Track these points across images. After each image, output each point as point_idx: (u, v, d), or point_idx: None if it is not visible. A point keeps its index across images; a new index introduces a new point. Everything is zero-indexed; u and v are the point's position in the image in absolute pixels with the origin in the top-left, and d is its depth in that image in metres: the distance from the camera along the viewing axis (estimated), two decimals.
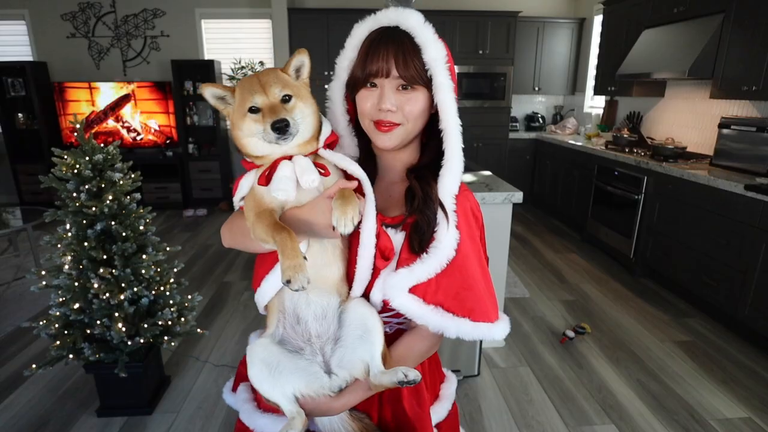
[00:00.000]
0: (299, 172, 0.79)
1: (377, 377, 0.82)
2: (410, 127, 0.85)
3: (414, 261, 0.82)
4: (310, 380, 0.83)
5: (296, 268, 0.71)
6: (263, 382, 0.82)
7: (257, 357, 0.82)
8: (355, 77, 0.85)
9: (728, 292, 2.77)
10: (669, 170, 3.26)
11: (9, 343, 2.63)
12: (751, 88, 2.89)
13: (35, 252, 3.45)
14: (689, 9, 3.42)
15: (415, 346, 0.89)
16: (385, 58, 0.81)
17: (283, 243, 0.73)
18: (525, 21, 5.33)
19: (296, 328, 0.84)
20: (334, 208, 0.76)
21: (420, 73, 0.82)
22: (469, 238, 0.87)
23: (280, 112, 0.77)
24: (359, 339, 0.84)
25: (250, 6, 5.41)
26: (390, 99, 0.82)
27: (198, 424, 2.01)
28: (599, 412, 2.11)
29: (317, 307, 0.84)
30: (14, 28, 5.40)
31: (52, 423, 2.00)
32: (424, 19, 0.83)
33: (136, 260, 1.89)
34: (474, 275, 0.85)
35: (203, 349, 2.57)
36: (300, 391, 0.82)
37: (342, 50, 0.89)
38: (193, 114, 5.49)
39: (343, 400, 0.84)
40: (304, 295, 0.83)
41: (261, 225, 0.77)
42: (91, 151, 1.84)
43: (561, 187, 4.98)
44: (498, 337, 0.87)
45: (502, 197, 2.28)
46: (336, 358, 0.85)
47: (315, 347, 0.84)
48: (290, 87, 0.81)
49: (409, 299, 0.82)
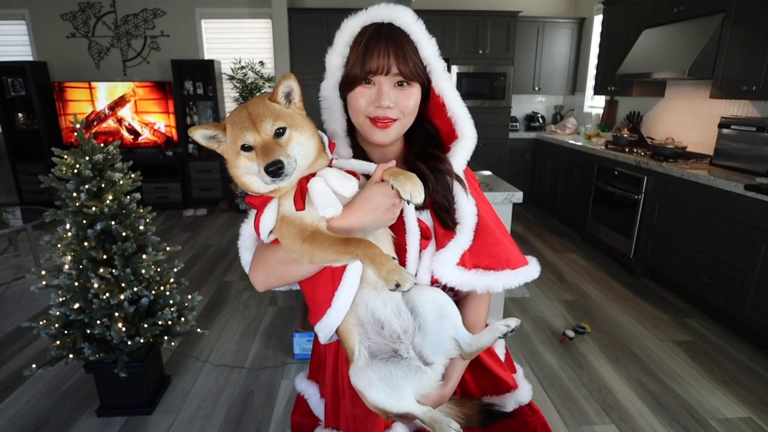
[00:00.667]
0: (336, 185, 0.77)
1: (471, 345, 0.86)
2: (405, 122, 0.87)
3: (453, 236, 0.86)
4: (420, 378, 0.83)
5: (396, 270, 0.71)
6: (388, 398, 0.80)
7: (374, 379, 0.80)
8: (353, 75, 0.83)
9: (728, 292, 2.77)
10: (669, 170, 3.26)
11: (9, 343, 2.63)
12: (751, 87, 2.89)
13: (35, 252, 3.45)
14: (689, 9, 3.42)
15: (480, 309, 0.93)
16: (385, 55, 0.80)
17: (366, 253, 0.73)
18: (525, 21, 5.33)
19: (382, 333, 0.83)
20: (399, 184, 0.75)
21: (418, 68, 0.83)
22: (480, 199, 0.93)
23: (273, 150, 0.72)
24: (439, 319, 0.85)
25: (250, 6, 5.41)
26: (389, 96, 0.82)
27: (198, 424, 2.01)
28: (599, 411, 2.11)
29: (392, 304, 0.83)
30: (14, 28, 5.40)
31: (52, 423, 2.00)
32: (417, 17, 0.84)
33: (136, 260, 1.89)
34: (495, 230, 0.91)
35: (203, 349, 2.57)
36: (418, 392, 0.82)
37: (330, 47, 0.88)
38: (193, 114, 5.49)
39: (451, 384, 0.86)
40: (377, 296, 0.83)
41: (321, 247, 0.75)
42: (91, 151, 1.84)
43: (561, 187, 4.98)
44: (535, 276, 0.91)
45: (502, 197, 2.28)
46: (428, 346, 0.85)
47: (406, 344, 0.84)
48: (282, 117, 0.76)
49: (457, 271, 0.85)
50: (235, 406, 2.12)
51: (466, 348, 0.86)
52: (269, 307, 3.09)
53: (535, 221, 5.20)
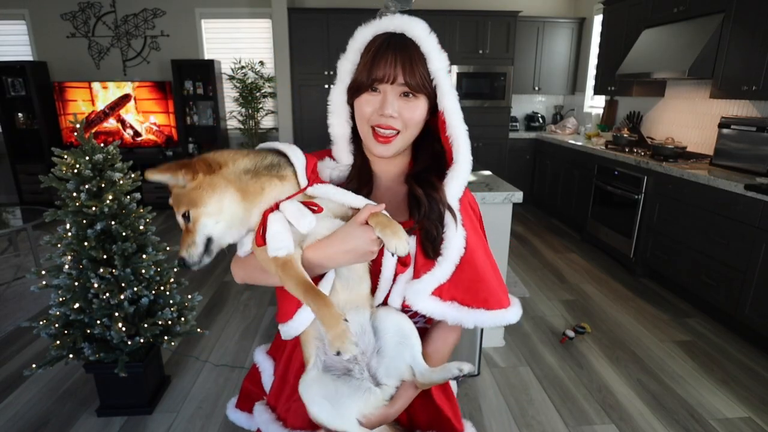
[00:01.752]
0: (293, 219, 0.75)
1: (425, 376, 0.85)
2: (408, 135, 0.86)
3: (432, 266, 0.85)
4: (367, 398, 0.83)
5: (343, 336, 0.70)
6: (329, 416, 0.80)
7: (317, 395, 0.81)
8: (359, 81, 0.83)
9: (728, 292, 2.77)
10: (669, 170, 3.26)
11: (9, 343, 2.63)
12: (751, 87, 2.89)
13: (35, 252, 3.45)
14: (689, 9, 3.42)
15: (448, 338, 0.93)
16: (392, 64, 0.80)
17: (320, 312, 0.72)
18: (525, 21, 5.33)
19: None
20: (384, 234, 0.74)
21: (424, 81, 0.82)
22: (473, 231, 0.90)
23: (182, 241, 0.74)
24: (399, 345, 0.85)
25: (250, 6, 5.41)
26: (392, 105, 0.82)
27: (198, 423, 2.01)
28: (599, 411, 2.11)
29: (356, 326, 0.83)
30: (14, 28, 5.40)
31: (52, 423, 2.00)
32: (430, 29, 0.84)
33: (136, 260, 1.89)
34: (483, 266, 0.89)
35: (203, 349, 2.57)
36: (361, 412, 0.82)
37: (343, 53, 0.88)
38: (193, 114, 5.49)
39: (397, 406, 0.86)
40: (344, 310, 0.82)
41: (290, 281, 0.75)
42: (91, 150, 1.84)
43: (561, 187, 4.98)
44: (513, 321, 0.90)
45: (502, 197, 2.28)
46: (382, 369, 0.86)
47: (362, 364, 0.84)
48: (181, 201, 0.75)
49: (430, 301, 0.84)
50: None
51: (419, 377, 0.85)
52: (269, 307, 3.09)
53: (535, 221, 5.20)
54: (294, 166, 0.80)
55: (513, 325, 2.87)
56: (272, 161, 0.79)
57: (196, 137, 5.55)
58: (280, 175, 0.79)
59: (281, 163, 0.80)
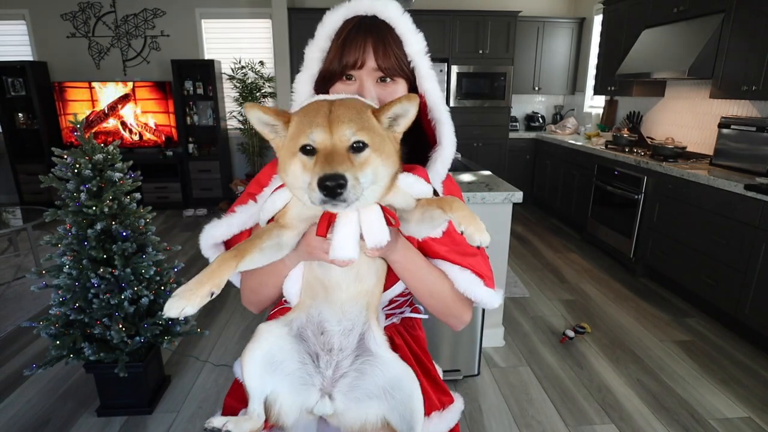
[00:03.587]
0: (366, 230, 0.66)
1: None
2: None
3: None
4: (297, 391, 0.77)
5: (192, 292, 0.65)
6: (253, 370, 0.75)
7: (263, 345, 0.76)
8: (331, 70, 0.79)
9: (728, 292, 2.77)
10: (669, 170, 3.26)
11: (9, 343, 2.63)
12: (751, 87, 2.89)
13: (35, 252, 3.45)
14: (689, 9, 3.42)
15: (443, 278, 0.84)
16: (362, 47, 0.76)
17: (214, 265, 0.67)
18: (525, 21, 5.33)
19: (318, 337, 0.78)
20: (467, 230, 0.63)
21: (400, 63, 0.78)
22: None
23: (340, 161, 0.57)
24: (387, 394, 0.77)
25: (250, 6, 5.41)
26: (370, 92, 0.78)
27: (198, 423, 2.01)
28: (599, 411, 2.11)
29: (348, 323, 0.77)
30: (14, 27, 5.39)
31: (52, 423, 2.00)
32: (403, 10, 0.80)
33: (136, 260, 1.89)
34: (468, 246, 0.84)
35: (203, 349, 2.57)
36: (280, 396, 0.76)
37: (311, 39, 0.82)
38: (193, 114, 5.49)
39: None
40: (337, 309, 0.77)
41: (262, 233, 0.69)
42: (91, 150, 1.84)
43: (561, 187, 4.98)
44: (496, 304, 0.85)
45: (502, 197, 2.28)
46: (346, 384, 0.78)
47: (332, 360, 0.78)
48: (371, 133, 0.62)
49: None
50: None
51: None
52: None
53: (535, 221, 5.20)
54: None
55: (513, 325, 2.87)
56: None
57: (196, 137, 5.54)
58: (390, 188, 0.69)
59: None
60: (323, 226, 0.66)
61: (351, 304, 0.77)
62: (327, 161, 0.57)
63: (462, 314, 0.88)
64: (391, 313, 0.94)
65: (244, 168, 5.91)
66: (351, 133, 0.60)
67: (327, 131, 0.59)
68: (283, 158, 0.64)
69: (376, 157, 0.62)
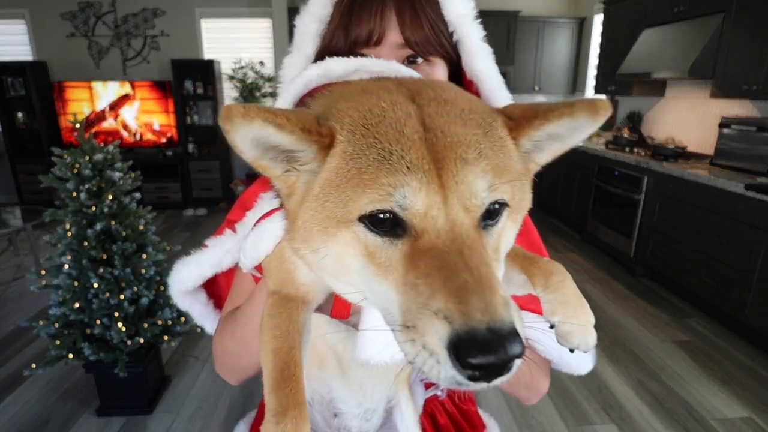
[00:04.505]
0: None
1: None
2: None
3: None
4: None
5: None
6: None
7: None
8: (333, 48, 0.56)
9: (728, 292, 2.77)
10: (669, 170, 3.26)
11: (9, 343, 2.63)
12: (751, 87, 2.89)
13: (35, 252, 3.45)
14: (689, 8, 3.42)
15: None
16: (379, 13, 0.53)
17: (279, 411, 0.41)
18: (525, 20, 5.33)
19: (331, 420, 0.62)
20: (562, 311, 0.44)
21: (437, 35, 0.55)
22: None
23: (489, 285, 0.30)
24: None
25: (250, 5, 5.40)
26: None
27: (198, 423, 2.01)
28: (599, 411, 2.11)
29: (370, 404, 0.58)
30: (14, 27, 5.39)
31: (52, 423, 2.00)
32: None
33: (136, 260, 1.89)
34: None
35: (203, 349, 2.57)
36: None
37: (303, 6, 0.59)
38: (193, 113, 5.49)
39: None
40: (356, 390, 0.57)
41: (266, 343, 0.44)
42: (91, 150, 1.84)
43: (561, 187, 4.97)
44: (585, 369, 0.66)
45: None
46: None
47: None
48: (510, 179, 0.35)
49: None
50: (235, 406, 2.12)
51: None
52: None
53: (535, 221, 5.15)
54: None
55: None
56: None
57: (196, 137, 5.54)
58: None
59: None
60: (344, 302, 0.44)
61: (375, 383, 0.58)
62: (464, 287, 0.28)
63: (538, 382, 0.62)
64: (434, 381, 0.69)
65: (244, 168, 5.91)
66: (486, 189, 0.32)
67: (435, 182, 0.31)
68: (314, 220, 0.35)
69: (511, 223, 0.37)
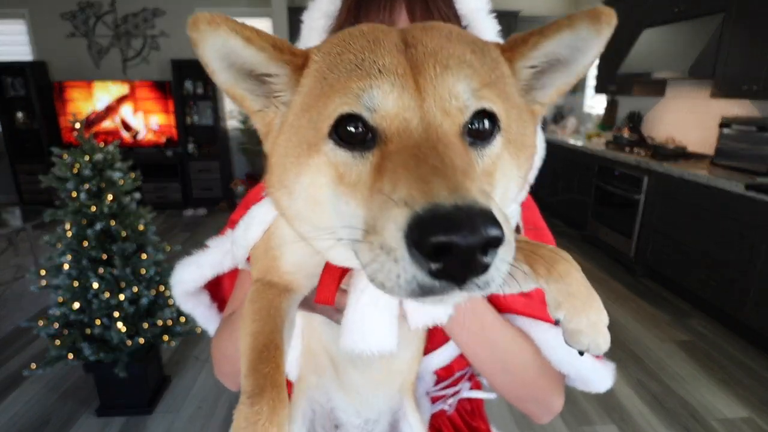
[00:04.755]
0: (410, 311, 0.42)
1: None
2: None
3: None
4: None
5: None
6: None
7: None
8: None
9: (729, 292, 2.77)
10: (669, 170, 3.25)
11: (9, 343, 2.62)
12: (751, 87, 2.89)
13: (35, 252, 3.45)
14: (689, 8, 3.42)
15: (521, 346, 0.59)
16: (388, 5, 0.52)
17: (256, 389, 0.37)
18: (525, 20, 5.33)
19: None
20: (569, 305, 0.40)
21: None
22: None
23: (465, 174, 0.27)
24: None
25: (249, 5, 5.40)
26: None
27: (198, 423, 2.01)
28: (600, 412, 2.11)
29: (371, 413, 0.56)
30: (14, 27, 5.39)
31: (52, 423, 2.00)
32: None
33: (136, 260, 1.89)
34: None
35: (203, 349, 2.57)
36: None
37: (311, 2, 0.58)
38: (193, 113, 5.49)
39: None
40: (353, 396, 0.55)
41: (246, 327, 0.41)
42: (91, 150, 1.84)
43: (561, 187, 4.97)
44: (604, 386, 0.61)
45: None
46: None
47: None
48: (503, 98, 0.33)
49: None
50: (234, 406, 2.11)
51: None
52: None
53: None
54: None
55: None
56: None
57: (196, 137, 5.54)
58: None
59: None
60: (329, 287, 0.39)
61: (373, 390, 0.55)
62: (432, 171, 0.26)
63: (550, 397, 0.58)
64: (441, 395, 0.67)
65: (244, 168, 5.91)
66: (468, 92, 0.30)
67: (410, 85, 0.28)
68: (286, 152, 0.33)
69: (510, 157, 0.33)
